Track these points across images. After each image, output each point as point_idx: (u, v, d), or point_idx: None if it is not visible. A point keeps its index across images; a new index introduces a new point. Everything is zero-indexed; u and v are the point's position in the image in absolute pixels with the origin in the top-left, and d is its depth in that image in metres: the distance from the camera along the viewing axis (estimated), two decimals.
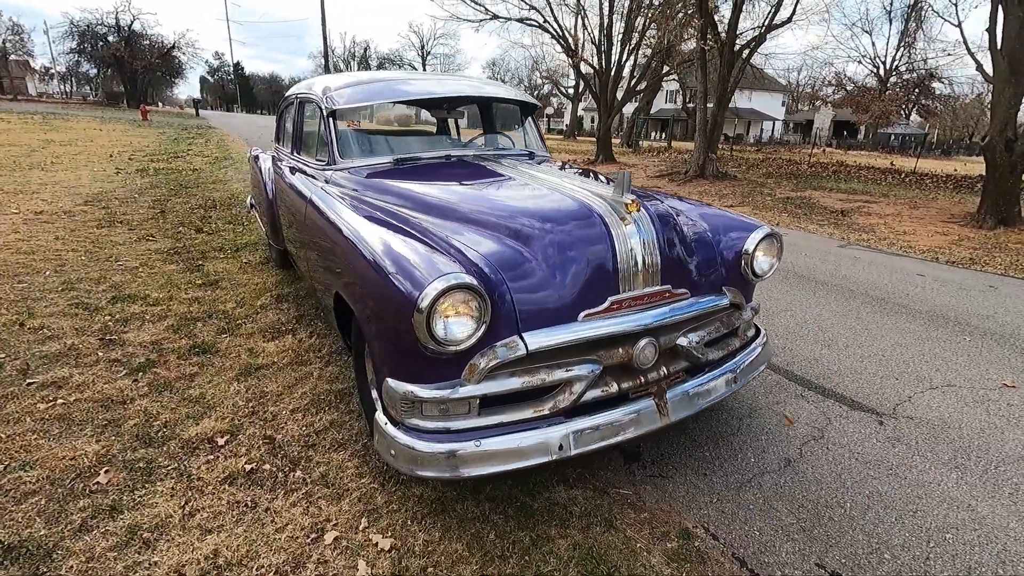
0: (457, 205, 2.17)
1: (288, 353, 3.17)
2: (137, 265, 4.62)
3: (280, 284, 4.33)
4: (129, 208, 6.80)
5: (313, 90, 3.15)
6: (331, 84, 3.04)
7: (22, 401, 2.56)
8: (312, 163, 3.07)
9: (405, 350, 1.74)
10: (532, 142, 3.35)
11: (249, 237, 5.71)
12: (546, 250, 1.86)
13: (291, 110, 3.69)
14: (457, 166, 2.84)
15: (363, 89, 2.95)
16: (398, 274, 1.69)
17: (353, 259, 1.99)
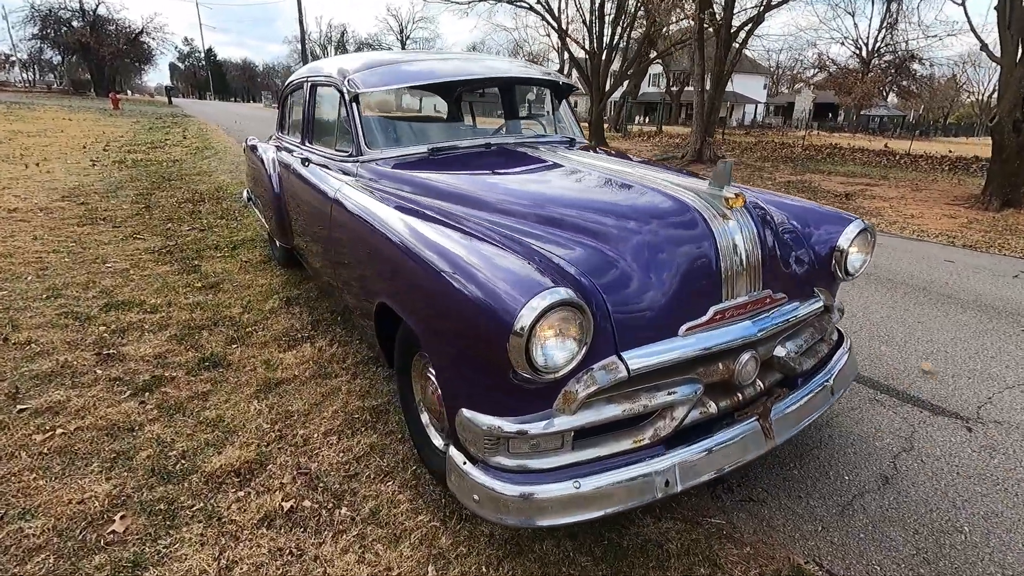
0: (521, 202, 1.89)
1: (309, 365, 2.88)
2: (127, 267, 4.25)
3: (287, 285, 4.00)
4: (111, 203, 6.36)
5: (329, 73, 2.82)
6: (349, 66, 2.72)
7: (15, 432, 2.24)
8: (331, 155, 2.76)
9: (488, 378, 1.47)
10: (568, 127, 3.06)
11: (245, 233, 5.35)
12: (640, 254, 1.60)
13: (299, 96, 3.35)
14: (502, 155, 2.55)
15: (390, 71, 2.63)
16: (484, 289, 1.41)
17: (411, 268, 1.70)
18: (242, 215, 6.05)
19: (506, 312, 1.32)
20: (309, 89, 3.12)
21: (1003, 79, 7.90)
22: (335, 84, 2.68)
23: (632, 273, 1.58)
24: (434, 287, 1.57)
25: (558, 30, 16.42)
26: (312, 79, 3.08)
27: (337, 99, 2.73)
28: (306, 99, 3.14)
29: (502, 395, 1.48)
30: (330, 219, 2.44)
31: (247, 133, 6.12)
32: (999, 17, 7.73)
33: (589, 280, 1.51)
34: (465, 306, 1.45)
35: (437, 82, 2.64)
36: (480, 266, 1.49)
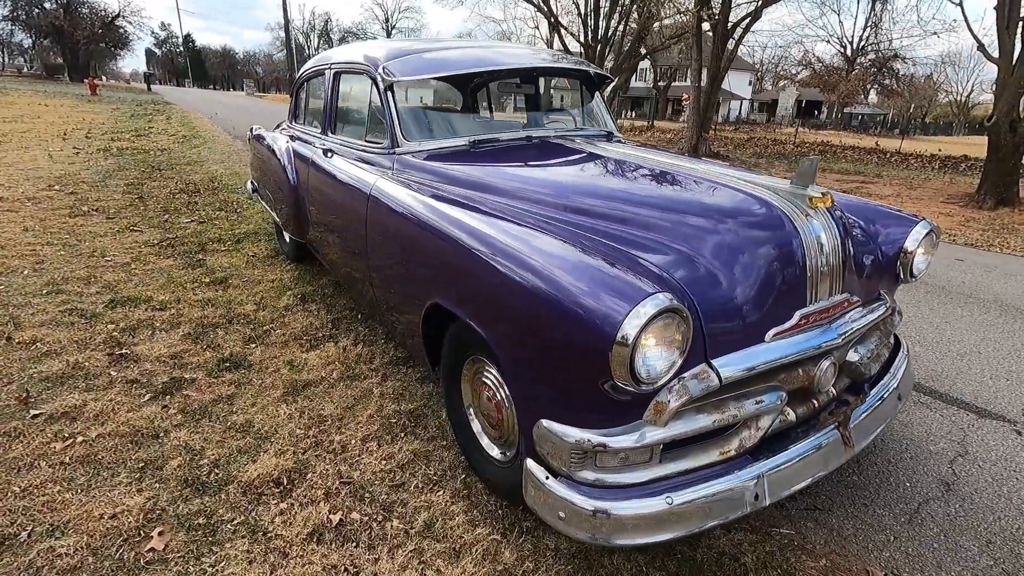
0: (587, 200, 1.79)
1: (335, 366, 2.75)
2: (128, 260, 4.06)
3: (300, 281, 3.85)
4: (101, 193, 6.10)
5: (357, 60, 2.68)
6: (381, 53, 2.58)
7: (31, 440, 2.09)
8: (361, 146, 2.63)
9: (576, 388, 1.38)
10: (603, 120, 2.96)
11: (247, 226, 5.16)
12: (726, 256, 1.52)
13: (318, 84, 3.20)
14: (548, 149, 2.45)
15: (425, 60, 2.50)
16: (577, 295, 1.31)
17: (482, 271, 1.59)
18: (242, 207, 5.86)
19: (607, 320, 1.23)
20: (332, 77, 2.97)
21: (1000, 80, 7.99)
22: (367, 72, 2.55)
23: (719, 276, 1.49)
24: (514, 291, 1.47)
25: (552, 23, 16.27)
26: (336, 67, 2.93)
27: (367, 88, 2.59)
28: (328, 87, 2.99)
29: (589, 406, 1.39)
30: (366, 215, 2.31)
31: (233, 123, 5.89)
32: (998, 18, 7.81)
33: (680, 284, 1.42)
34: (554, 312, 1.35)
35: (474, 72, 2.52)
36: (568, 269, 1.39)
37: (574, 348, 1.31)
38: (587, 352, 1.27)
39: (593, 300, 1.28)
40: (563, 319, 1.33)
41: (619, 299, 1.25)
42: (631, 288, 1.27)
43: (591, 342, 1.25)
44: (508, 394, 1.72)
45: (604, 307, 1.25)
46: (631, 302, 1.23)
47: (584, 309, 1.28)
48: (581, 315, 1.29)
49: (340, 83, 2.96)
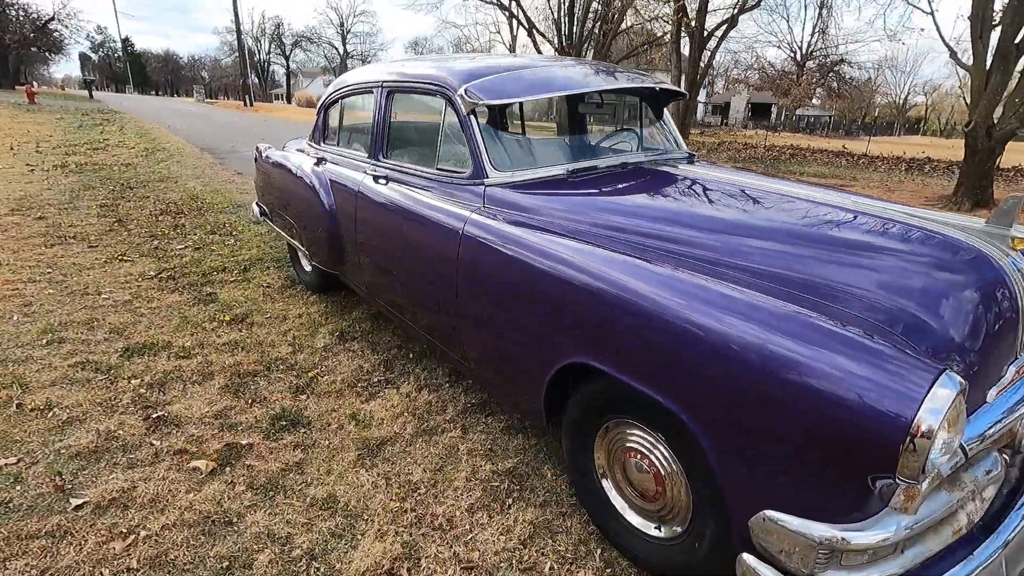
0: (751, 241, 1.61)
1: (406, 418, 2.48)
2: (128, 298, 3.64)
3: (330, 315, 3.53)
4: (74, 217, 5.55)
5: (426, 79, 2.42)
6: (455, 72, 2.31)
7: (84, 541, 1.74)
8: (431, 175, 2.36)
9: (831, 481, 1.18)
10: (675, 140, 2.79)
11: (249, 251, 4.76)
12: (948, 311, 1.36)
13: (361, 103, 2.91)
14: (654, 178, 2.25)
15: (509, 80, 2.26)
16: (838, 368, 1.12)
17: (676, 330, 1.36)
18: (237, 228, 5.43)
19: (897, 406, 1.04)
20: (383, 96, 2.69)
21: (975, 86, 8.31)
22: (441, 93, 2.29)
23: (942, 333, 1.33)
24: (733, 363, 1.25)
25: (528, 28, 16.15)
26: (391, 85, 2.65)
27: (436, 109, 2.34)
28: (379, 107, 2.71)
29: (836, 497, 1.19)
30: (457, 256, 2.06)
31: (193, 132, 5.47)
32: (972, 28, 8.12)
33: (930, 349, 1.25)
34: (803, 393, 1.15)
35: (565, 94, 2.30)
36: (809, 336, 1.19)
37: (838, 438, 1.11)
38: (862, 444, 1.08)
39: (866, 380, 1.09)
40: (818, 401, 1.13)
41: (904, 379, 1.06)
42: (913, 363, 1.09)
43: (870, 433, 1.06)
44: (682, 468, 1.51)
45: (887, 389, 1.06)
46: (923, 382, 1.04)
47: (853, 390, 1.09)
48: (849, 398, 1.09)
49: (393, 103, 2.68)
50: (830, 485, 1.18)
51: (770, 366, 1.19)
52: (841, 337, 1.16)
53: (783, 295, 1.34)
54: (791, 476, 1.23)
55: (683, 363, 1.35)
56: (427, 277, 2.30)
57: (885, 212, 1.70)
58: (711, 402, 1.31)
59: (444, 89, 2.28)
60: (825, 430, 1.13)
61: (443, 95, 2.29)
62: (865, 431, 1.07)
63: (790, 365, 1.17)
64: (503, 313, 1.91)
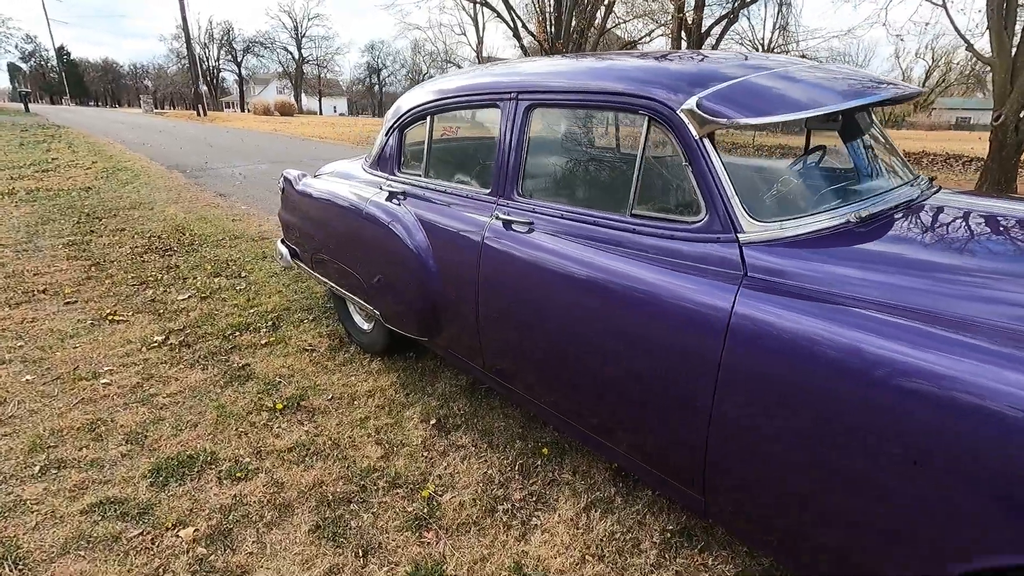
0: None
1: (591, 565, 1.75)
2: (138, 380, 2.78)
3: (409, 390, 2.76)
4: (37, 262, 4.56)
5: (605, 87, 1.69)
6: (669, 78, 1.58)
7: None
8: (631, 224, 1.65)
9: None
10: (903, 161, 2.12)
11: (269, 297, 3.91)
12: None
13: (481, 118, 2.17)
14: (966, 220, 1.60)
15: (764, 88, 1.55)
16: None
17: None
18: (245, 268, 4.54)
19: None
20: (520, 113, 1.94)
21: (1000, 80, 8.07)
22: (645, 106, 1.58)
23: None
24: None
25: (513, 29, 15.43)
26: (535, 97, 1.90)
27: (641, 132, 1.63)
28: (512, 128, 1.96)
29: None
30: (723, 363, 1.35)
31: (152, 147, 4.60)
32: (994, 20, 7.87)
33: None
34: None
35: (847, 107, 1.60)
36: None
37: None
38: None
39: None
40: None
41: None
42: None
43: None
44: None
45: None
46: None
47: None
48: None
49: (534, 121, 1.95)
50: None
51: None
52: None
53: None
54: None
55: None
56: (640, 375, 1.58)
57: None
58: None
59: (651, 102, 1.57)
60: None
61: (648, 110, 1.58)
62: None
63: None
64: (831, 462, 1.21)
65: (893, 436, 1.10)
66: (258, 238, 5.43)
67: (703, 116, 1.47)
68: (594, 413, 1.81)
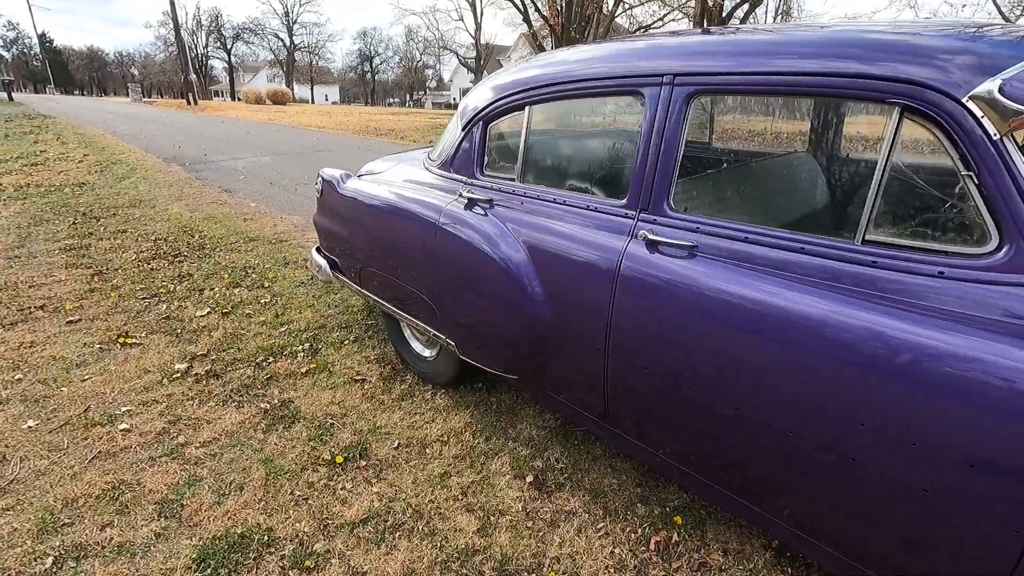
0: None
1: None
2: (163, 425, 2.32)
3: (490, 434, 2.32)
4: (32, 271, 4.06)
5: (837, 62, 1.24)
6: (943, 48, 1.14)
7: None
8: (887, 258, 1.20)
9: None
10: None
11: (301, 313, 3.45)
12: None
13: (607, 110, 1.72)
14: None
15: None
16: None
17: None
18: (267, 276, 4.07)
19: None
20: (676, 100, 1.49)
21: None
22: (911, 96, 1.13)
23: None
24: None
25: (524, 13, 14.77)
26: (702, 79, 1.45)
27: (888, 128, 1.19)
28: (660, 119, 1.51)
29: None
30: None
31: (146, 137, 4.13)
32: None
33: None
34: None
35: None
36: None
37: None
38: None
39: None
40: None
41: None
42: None
43: None
44: None
45: None
46: None
47: None
48: None
49: (694, 113, 1.49)
50: None
51: None
52: None
53: None
54: None
55: None
56: (875, 462, 1.16)
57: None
58: None
59: (914, 87, 1.13)
60: None
61: (906, 98, 1.14)
62: None
63: None
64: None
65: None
66: (275, 240, 4.94)
67: (1009, 106, 1.03)
68: (764, 482, 1.39)
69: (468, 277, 2.04)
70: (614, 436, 1.83)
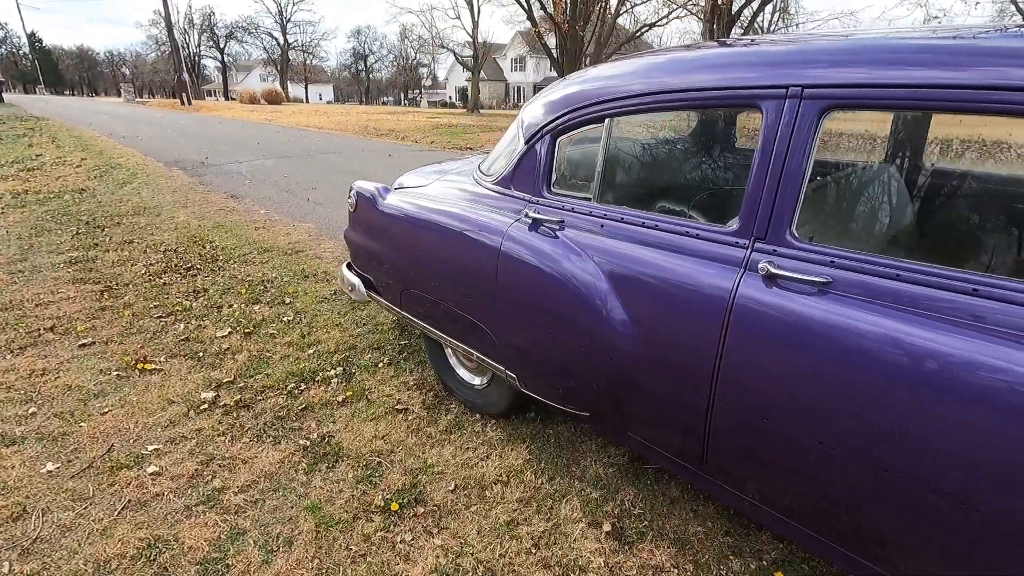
0: None
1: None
2: (195, 466, 2.12)
3: (547, 471, 2.13)
4: (37, 286, 3.84)
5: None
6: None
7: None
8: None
9: None
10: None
11: (329, 333, 3.25)
12: None
13: (715, 125, 1.53)
14: None
15: None
16: None
17: None
18: (287, 291, 3.86)
19: None
20: (800, 117, 1.29)
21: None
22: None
23: None
24: None
25: (528, 10, 14.52)
26: (861, 92, 1.24)
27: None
28: (784, 137, 1.32)
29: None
30: None
31: (144, 139, 3.91)
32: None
33: None
34: None
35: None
36: None
37: None
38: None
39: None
40: None
41: None
42: None
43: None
44: None
45: None
46: None
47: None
48: None
49: (824, 129, 1.31)
50: None
51: None
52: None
53: None
54: None
55: None
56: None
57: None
58: None
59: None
60: None
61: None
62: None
63: None
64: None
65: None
66: (291, 251, 4.73)
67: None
68: (897, 543, 1.21)
69: (537, 306, 1.85)
70: (710, 484, 1.64)
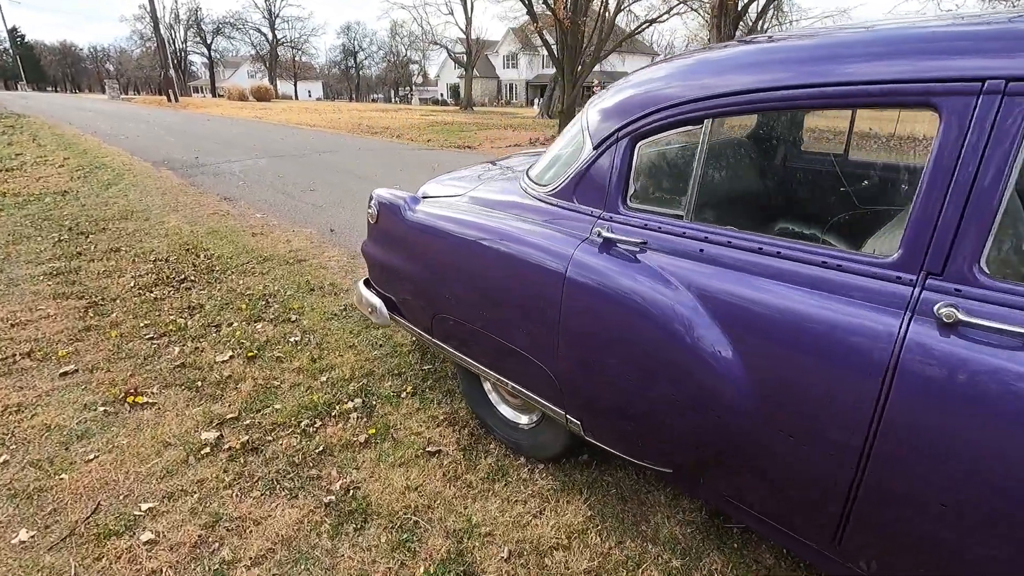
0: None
1: None
2: (199, 531, 1.80)
3: (613, 531, 1.82)
4: (13, 303, 3.46)
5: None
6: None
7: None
8: None
9: None
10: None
11: (342, 357, 2.92)
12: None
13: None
14: None
15: None
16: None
17: None
18: (292, 307, 3.51)
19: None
20: (993, 118, 1.01)
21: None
22: None
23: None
24: None
25: (528, 5, 14.16)
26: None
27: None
28: (971, 144, 1.03)
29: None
30: None
31: (129, 137, 3.57)
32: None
33: None
34: None
35: None
36: None
37: None
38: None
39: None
40: None
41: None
42: None
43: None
44: None
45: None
46: None
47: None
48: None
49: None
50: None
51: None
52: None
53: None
54: None
55: None
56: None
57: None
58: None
59: None
60: None
61: None
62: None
63: None
64: None
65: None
66: (292, 260, 4.38)
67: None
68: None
69: (617, 346, 1.54)
70: (840, 567, 1.34)
